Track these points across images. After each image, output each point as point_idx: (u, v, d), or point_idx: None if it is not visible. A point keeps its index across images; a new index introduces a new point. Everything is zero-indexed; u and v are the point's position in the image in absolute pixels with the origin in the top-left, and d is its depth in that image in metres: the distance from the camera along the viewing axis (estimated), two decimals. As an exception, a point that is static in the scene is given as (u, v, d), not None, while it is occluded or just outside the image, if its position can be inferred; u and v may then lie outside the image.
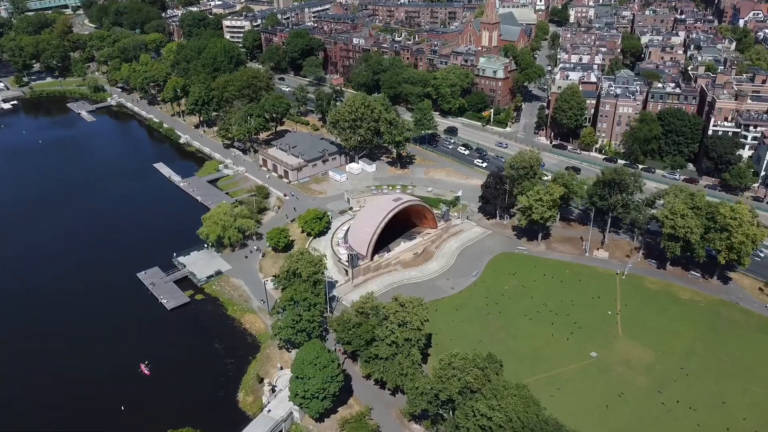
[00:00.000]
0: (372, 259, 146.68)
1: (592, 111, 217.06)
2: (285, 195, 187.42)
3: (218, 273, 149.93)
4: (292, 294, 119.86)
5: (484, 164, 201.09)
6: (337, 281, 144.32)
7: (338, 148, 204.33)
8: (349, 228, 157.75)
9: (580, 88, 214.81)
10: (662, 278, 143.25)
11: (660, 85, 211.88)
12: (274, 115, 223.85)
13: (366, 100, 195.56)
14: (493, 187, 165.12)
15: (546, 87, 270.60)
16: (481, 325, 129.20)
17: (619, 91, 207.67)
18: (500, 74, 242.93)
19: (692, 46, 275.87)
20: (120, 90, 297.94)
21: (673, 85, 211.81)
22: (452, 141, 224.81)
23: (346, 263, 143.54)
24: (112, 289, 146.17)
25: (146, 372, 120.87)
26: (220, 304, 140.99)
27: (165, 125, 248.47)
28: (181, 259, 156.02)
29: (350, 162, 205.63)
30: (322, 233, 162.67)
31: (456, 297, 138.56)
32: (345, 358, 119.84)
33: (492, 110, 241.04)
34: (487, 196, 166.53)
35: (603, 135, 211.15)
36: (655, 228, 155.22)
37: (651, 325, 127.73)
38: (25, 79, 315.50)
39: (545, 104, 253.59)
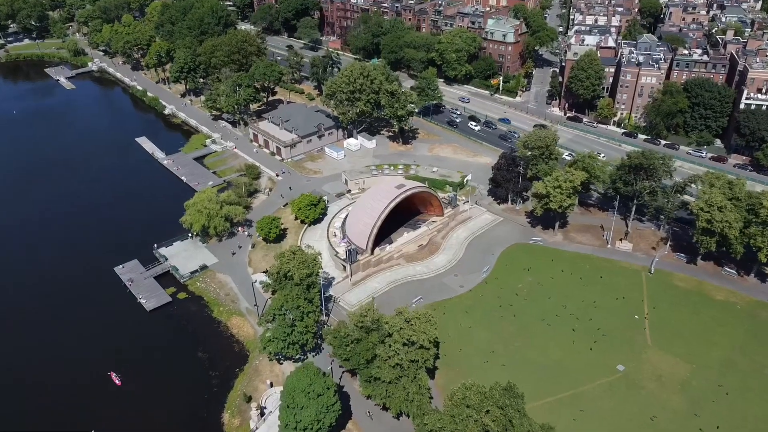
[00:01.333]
0: (372, 252, 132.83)
1: (610, 80, 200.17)
2: (277, 174, 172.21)
3: (203, 268, 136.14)
4: (283, 302, 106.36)
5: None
6: (333, 278, 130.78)
7: (335, 121, 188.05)
8: (347, 216, 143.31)
9: (598, 55, 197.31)
10: (693, 275, 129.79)
11: (686, 51, 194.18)
12: (265, 85, 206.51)
13: (365, 69, 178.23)
14: (505, 169, 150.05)
15: (558, 51, 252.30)
16: (494, 331, 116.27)
17: (641, 58, 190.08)
18: (510, 38, 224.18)
19: (714, 5, 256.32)
20: (102, 53, 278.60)
21: (699, 51, 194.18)
22: (458, 113, 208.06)
23: (344, 259, 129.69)
24: (85, 286, 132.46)
25: (117, 382, 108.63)
26: (205, 305, 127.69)
27: (149, 94, 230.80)
28: (162, 250, 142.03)
29: (348, 137, 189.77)
30: (317, 220, 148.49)
31: (465, 297, 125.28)
32: (343, 372, 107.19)
33: (501, 78, 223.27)
34: (498, 179, 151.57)
35: (622, 107, 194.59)
36: (682, 214, 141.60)
37: (683, 332, 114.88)
38: (1, 42, 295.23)
39: (557, 70, 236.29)
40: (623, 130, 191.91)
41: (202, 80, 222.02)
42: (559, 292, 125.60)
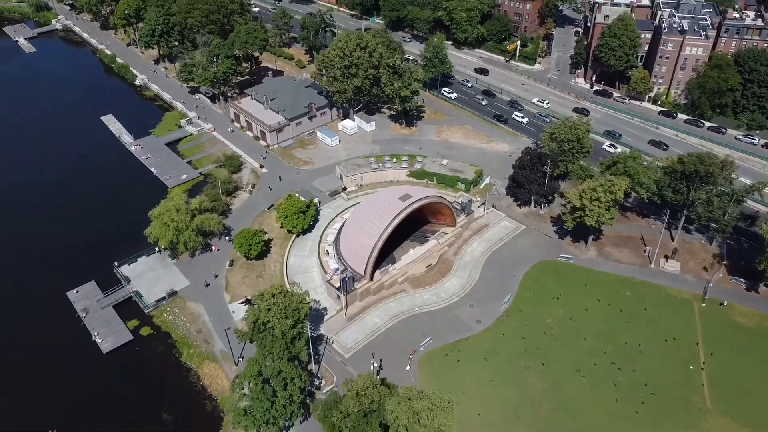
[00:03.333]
0: (372, 278, 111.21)
1: (646, 47, 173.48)
2: (261, 166, 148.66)
3: (172, 294, 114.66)
4: (261, 364, 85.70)
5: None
6: (325, 309, 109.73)
7: (328, 99, 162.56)
8: (341, 228, 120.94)
9: (634, 18, 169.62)
10: (755, 307, 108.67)
11: (736, 15, 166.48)
12: (248, 53, 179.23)
13: (362, 40, 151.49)
14: (529, 168, 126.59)
15: (582, 8, 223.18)
16: (519, 387, 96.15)
17: (685, 24, 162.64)
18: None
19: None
20: (68, 8, 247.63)
21: (752, 15, 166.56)
22: (470, 84, 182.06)
23: (338, 288, 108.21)
24: (30, 318, 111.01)
25: None
26: (173, 344, 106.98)
27: (119, 60, 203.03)
28: (124, 269, 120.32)
29: (343, 117, 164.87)
30: (308, 229, 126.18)
31: (483, 336, 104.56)
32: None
33: (518, 42, 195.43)
34: (520, 179, 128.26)
35: (660, 81, 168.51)
36: (736, 224, 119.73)
37: (750, 389, 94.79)
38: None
39: (581, 30, 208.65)
40: (660, 109, 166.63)
41: (177, 44, 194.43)
42: (596, 330, 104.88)
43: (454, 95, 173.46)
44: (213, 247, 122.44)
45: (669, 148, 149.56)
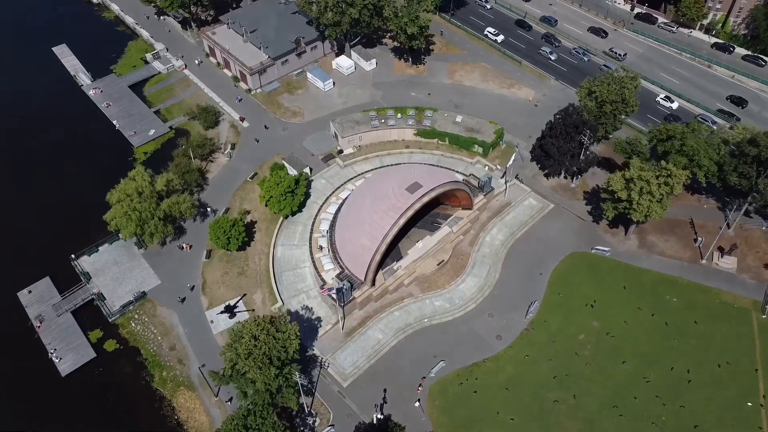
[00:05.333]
0: (374, 283, 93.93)
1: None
2: (242, 119, 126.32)
3: (140, 297, 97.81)
4: (241, 429, 70.72)
5: None
6: (320, 320, 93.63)
7: (319, 30, 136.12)
8: (337, 214, 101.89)
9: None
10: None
11: None
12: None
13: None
14: (562, 137, 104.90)
15: None
16: (546, 429, 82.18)
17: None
18: None
19: None
20: None
21: None
22: (489, 6, 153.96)
23: (334, 297, 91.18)
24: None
25: None
26: (142, 364, 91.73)
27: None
28: (84, 261, 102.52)
29: (338, 53, 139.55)
30: (298, 209, 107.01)
31: (504, 358, 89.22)
32: None
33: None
34: (551, 150, 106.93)
35: (717, 6, 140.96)
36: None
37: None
38: None
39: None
40: (714, 41, 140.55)
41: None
42: (638, 350, 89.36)
43: (500, 38, 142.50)
44: (185, 245, 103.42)
45: (608, 35, 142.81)
